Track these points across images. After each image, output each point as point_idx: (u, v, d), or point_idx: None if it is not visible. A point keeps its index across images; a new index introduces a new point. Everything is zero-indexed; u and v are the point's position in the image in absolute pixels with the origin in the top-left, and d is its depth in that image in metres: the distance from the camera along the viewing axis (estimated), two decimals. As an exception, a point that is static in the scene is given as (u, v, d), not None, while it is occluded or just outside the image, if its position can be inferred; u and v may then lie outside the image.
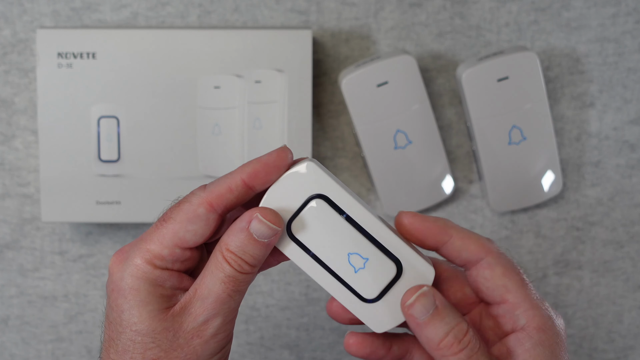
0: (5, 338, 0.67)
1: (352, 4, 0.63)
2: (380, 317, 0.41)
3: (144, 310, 0.39)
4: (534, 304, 0.42)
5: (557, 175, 0.63)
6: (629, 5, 0.63)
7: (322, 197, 0.40)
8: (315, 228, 0.40)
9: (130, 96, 0.60)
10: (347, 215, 0.40)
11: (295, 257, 0.41)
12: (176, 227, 0.39)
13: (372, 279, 0.41)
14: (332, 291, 0.41)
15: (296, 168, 0.40)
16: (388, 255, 0.41)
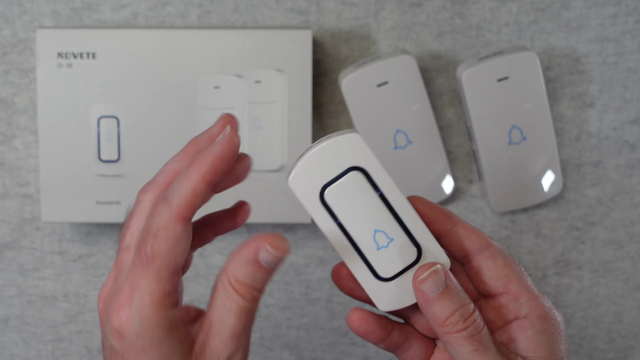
0: (5, 338, 0.67)
1: (352, 4, 0.63)
2: (388, 297, 0.42)
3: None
4: (535, 295, 0.42)
5: (557, 175, 0.63)
6: (629, 5, 0.63)
7: (361, 171, 0.40)
8: (348, 199, 0.41)
9: (130, 96, 0.60)
10: (382, 193, 0.41)
11: (321, 221, 0.41)
12: (166, 259, 0.37)
13: (392, 260, 0.41)
14: (348, 261, 0.42)
15: (343, 137, 0.40)
16: (411, 240, 0.41)
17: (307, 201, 0.41)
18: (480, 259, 0.43)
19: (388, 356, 0.67)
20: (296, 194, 0.41)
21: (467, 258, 0.43)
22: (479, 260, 0.43)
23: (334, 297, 0.66)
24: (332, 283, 0.66)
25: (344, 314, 0.67)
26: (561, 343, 0.42)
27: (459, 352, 0.40)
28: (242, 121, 0.61)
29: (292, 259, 0.66)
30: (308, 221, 0.62)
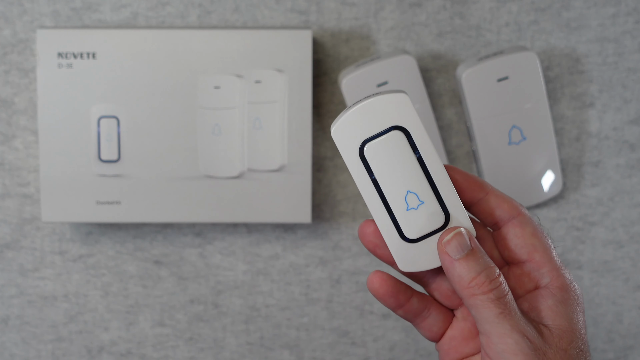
0: (6, 338, 0.67)
1: (352, 4, 0.63)
2: (411, 258, 0.43)
3: None
4: (558, 266, 0.43)
5: (557, 175, 0.63)
6: (629, 5, 0.63)
7: (404, 131, 0.41)
8: (387, 156, 0.41)
9: (130, 96, 0.60)
10: (420, 155, 0.41)
11: (356, 174, 0.42)
12: None
13: (420, 222, 0.42)
14: (376, 217, 0.42)
15: (390, 95, 0.40)
16: (441, 206, 0.42)
17: (346, 153, 0.41)
18: (509, 226, 0.43)
19: (388, 356, 0.67)
20: (337, 144, 0.42)
21: (497, 225, 0.44)
22: (507, 228, 0.43)
23: (334, 297, 0.66)
24: (333, 283, 0.66)
25: (344, 314, 0.67)
26: (580, 314, 0.42)
27: (484, 315, 0.40)
28: (242, 121, 0.61)
29: (292, 259, 0.66)
30: (308, 221, 0.62)
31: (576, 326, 0.41)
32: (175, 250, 0.66)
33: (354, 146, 0.41)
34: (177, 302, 0.66)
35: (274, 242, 0.66)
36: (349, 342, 0.67)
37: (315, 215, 0.64)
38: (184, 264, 0.66)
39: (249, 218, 0.61)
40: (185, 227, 0.65)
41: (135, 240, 0.65)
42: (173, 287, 0.66)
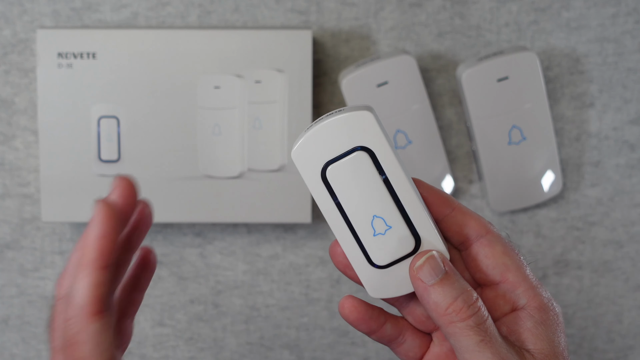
0: (6, 338, 0.67)
1: (352, 4, 0.63)
2: (380, 284, 0.41)
3: None
4: (534, 285, 0.41)
5: (557, 175, 0.63)
6: (629, 5, 0.63)
7: (368, 151, 0.39)
8: (351, 179, 0.39)
9: (130, 96, 0.60)
10: (386, 177, 0.39)
11: (319, 198, 0.40)
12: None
13: (388, 248, 0.40)
14: (343, 243, 0.40)
15: (354, 114, 0.38)
16: (411, 230, 0.40)
17: (308, 176, 0.39)
18: (478, 246, 0.41)
19: (388, 356, 0.67)
20: (298, 167, 0.39)
21: (465, 244, 0.42)
22: (476, 247, 0.41)
23: (334, 297, 0.66)
24: (333, 283, 0.66)
25: (344, 314, 0.67)
26: (560, 334, 0.40)
27: (464, 343, 0.38)
28: (242, 121, 0.61)
29: (292, 259, 0.66)
30: (308, 221, 0.62)
31: (558, 349, 0.40)
32: (175, 250, 0.66)
33: (316, 169, 0.39)
34: (177, 302, 0.66)
35: (274, 242, 0.66)
36: (349, 342, 0.67)
37: (315, 215, 0.64)
38: (184, 264, 0.66)
39: (249, 218, 0.61)
40: (185, 227, 0.65)
41: (135, 240, 0.65)
42: (173, 287, 0.66)
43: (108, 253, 0.37)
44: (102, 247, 0.36)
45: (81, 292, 0.36)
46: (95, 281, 0.36)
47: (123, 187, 0.39)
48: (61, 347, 0.36)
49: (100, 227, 0.37)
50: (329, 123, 0.38)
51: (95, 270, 0.36)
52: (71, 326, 0.36)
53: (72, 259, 0.38)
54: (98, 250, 0.36)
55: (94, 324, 0.36)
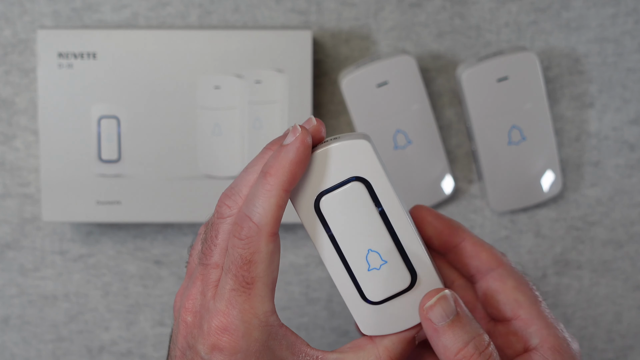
0: (6, 338, 0.67)
1: (352, 4, 0.63)
2: (374, 321, 0.39)
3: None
4: (548, 323, 0.39)
5: (556, 175, 0.63)
6: (629, 5, 0.63)
7: (365, 182, 0.37)
8: (345, 211, 0.37)
9: (130, 96, 0.60)
10: (383, 209, 0.38)
11: (312, 230, 0.38)
12: (265, 280, 0.37)
13: (382, 284, 0.38)
14: (335, 278, 0.39)
15: (350, 142, 0.37)
16: (407, 265, 0.38)
17: (300, 206, 0.38)
18: (488, 280, 0.40)
19: (388, 356, 0.67)
20: (290, 197, 0.38)
21: (476, 277, 0.41)
22: (487, 281, 0.40)
23: (334, 297, 0.66)
24: (332, 283, 0.66)
25: (344, 314, 0.67)
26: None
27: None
28: (242, 121, 0.61)
29: (292, 259, 0.66)
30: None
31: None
32: (176, 250, 0.66)
33: (309, 199, 0.38)
34: (177, 301, 0.66)
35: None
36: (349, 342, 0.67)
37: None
38: (184, 264, 0.66)
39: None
40: (185, 227, 0.65)
41: (135, 240, 0.66)
42: (173, 286, 0.66)
43: (296, 179, 0.36)
44: (293, 172, 0.36)
45: (263, 211, 0.36)
46: (279, 202, 0.36)
47: (317, 123, 0.38)
48: (232, 266, 0.37)
49: (297, 153, 0.36)
50: (325, 151, 0.37)
51: (282, 191, 0.36)
52: (247, 245, 0.36)
53: (244, 179, 0.38)
54: (290, 174, 0.36)
55: (270, 245, 0.36)
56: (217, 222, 0.38)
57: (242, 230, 0.36)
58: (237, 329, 0.37)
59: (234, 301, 0.37)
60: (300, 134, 0.36)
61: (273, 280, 0.37)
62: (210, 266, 0.38)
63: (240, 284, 0.37)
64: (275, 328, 0.38)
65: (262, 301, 0.37)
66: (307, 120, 0.38)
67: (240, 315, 0.37)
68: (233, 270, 0.37)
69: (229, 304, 0.37)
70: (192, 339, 0.38)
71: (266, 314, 0.37)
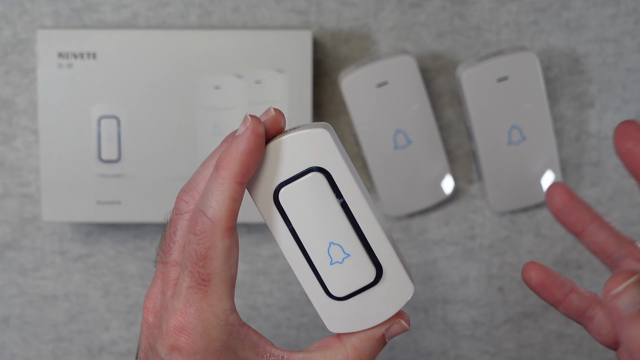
0: (6, 338, 0.67)
1: (352, 4, 0.63)
2: (340, 318, 0.38)
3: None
4: None
5: (556, 175, 0.63)
6: (629, 5, 0.63)
7: (324, 172, 0.36)
8: (305, 203, 0.36)
9: (130, 96, 0.60)
10: (344, 201, 0.36)
11: (271, 223, 0.37)
12: (222, 276, 0.36)
13: (346, 278, 0.37)
14: (297, 273, 0.38)
15: (308, 132, 0.36)
16: (372, 259, 0.37)
17: (259, 199, 0.37)
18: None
19: (388, 356, 0.67)
20: (247, 188, 0.37)
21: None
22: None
23: (334, 297, 0.66)
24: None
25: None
26: None
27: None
28: (242, 121, 0.61)
29: (292, 259, 0.66)
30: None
31: None
32: (176, 250, 0.66)
33: (267, 191, 0.36)
34: (177, 301, 0.66)
35: (274, 242, 0.66)
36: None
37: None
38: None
39: (249, 218, 0.61)
40: (185, 227, 0.65)
41: (135, 240, 0.66)
42: (173, 286, 0.66)
43: (249, 171, 0.36)
44: (246, 163, 0.35)
45: (217, 205, 0.35)
46: (233, 195, 0.35)
47: (276, 113, 0.37)
48: (188, 262, 0.36)
49: (247, 144, 0.35)
50: (282, 141, 0.36)
51: (235, 184, 0.35)
52: (202, 241, 0.36)
53: (201, 174, 0.37)
54: (242, 165, 0.35)
55: (225, 240, 0.36)
56: (175, 218, 0.38)
57: (196, 226, 0.36)
58: (195, 329, 0.36)
59: (191, 299, 0.36)
60: (250, 123, 0.35)
61: (232, 277, 0.37)
62: (169, 264, 0.38)
63: (197, 281, 0.36)
64: (236, 327, 0.37)
65: (220, 299, 0.36)
66: (265, 111, 0.37)
67: (198, 313, 0.36)
68: (189, 267, 0.36)
69: (186, 302, 0.36)
70: (153, 340, 0.38)
71: (225, 312, 0.36)
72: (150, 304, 0.39)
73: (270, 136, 0.37)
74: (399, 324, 0.38)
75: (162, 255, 0.38)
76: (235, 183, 0.35)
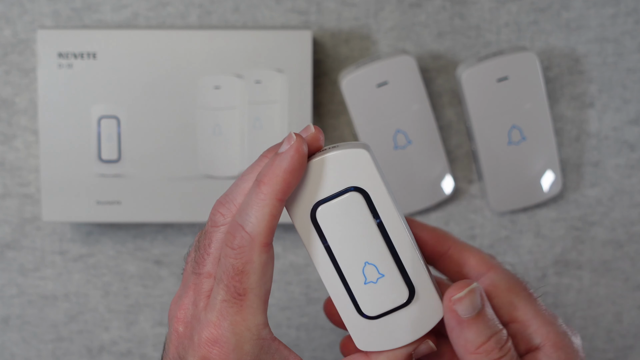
0: (6, 338, 0.67)
1: (352, 4, 0.63)
2: (370, 336, 0.38)
3: None
4: (546, 320, 0.39)
5: (556, 175, 0.63)
6: (629, 5, 0.63)
7: (363, 193, 0.36)
8: (342, 222, 0.37)
9: (130, 96, 0.60)
10: (381, 222, 0.37)
11: (307, 240, 0.37)
12: (257, 292, 0.36)
13: (379, 298, 0.37)
14: (331, 291, 0.38)
15: (349, 151, 0.36)
16: (405, 280, 0.37)
17: (296, 215, 0.37)
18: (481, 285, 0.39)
19: (388, 356, 0.67)
20: (286, 205, 0.37)
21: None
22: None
23: (334, 297, 0.66)
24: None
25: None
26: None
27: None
28: (242, 121, 0.61)
29: (292, 259, 0.66)
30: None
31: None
32: (176, 250, 0.66)
33: (305, 208, 0.37)
34: (177, 301, 0.66)
35: (274, 242, 0.66)
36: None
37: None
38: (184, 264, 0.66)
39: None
40: (185, 227, 0.65)
41: (135, 240, 0.66)
42: (173, 286, 0.66)
43: (290, 188, 0.36)
44: (287, 181, 0.35)
45: (256, 221, 0.35)
46: (273, 212, 0.35)
47: (316, 131, 0.37)
48: (224, 276, 0.36)
49: (291, 162, 0.35)
50: (321, 160, 0.36)
51: (275, 201, 0.35)
52: (240, 255, 0.36)
53: (239, 187, 0.37)
54: (284, 182, 0.35)
55: (262, 255, 0.36)
56: (211, 230, 0.38)
57: (234, 240, 0.36)
58: (228, 342, 0.36)
59: (225, 312, 0.36)
60: (295, 142, 0.36)
61: (266, 292, 0.37)
62: (202, 275, 0.38)
63: (232, 295, 0.36)
64: (268, 341, 0.37)
65: (255, 313, 0.36)
66: (305, 128, 0.37)
67: (232, 327, 0.36)
68: (225, 281, 0.36)
69: (220, 315, 0.36)
70: (183, 350, 0.38)
71: (258, 327, 0.37)
72: (182, 314, 0.39)
73: (309, 153, 0.37)
74: (427, 344, 0.39)
75: (196, 267, 0.38)
76: (276, 200, 0.35)
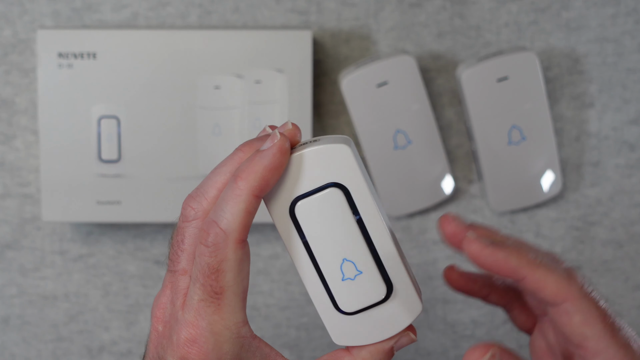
0: (6, 338, 0.67)
1: (352, 4, 0.63)
2: (346, 331, 0.38)
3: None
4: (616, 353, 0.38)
5: (556, 175, 0.63)
6: (629, 5, 0.63)
7: (343, 189, 0.36)
8: (321, 218, 0.36)
9: (130, 96, 0.60)
10: (360, 218, 0.36)
11: (286, 236, 0.37)
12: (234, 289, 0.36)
13: (356, 295, 0.37)
14: (308, 286, 0.38)
15: (329, 147, 0.35)
16: (383, 277, 0.37)
17: (274, 210, 0.37)
18: (554, 314, 0.39)
19: (388, 356, 0.67)
20: (264, 200, 0.36)
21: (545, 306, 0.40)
22: (554, 315, 0.40)
23: (334, 297, 0.66)
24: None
25: (344, 314, 0.67)
26: None
27: None
28: (242, 121, 0.61)
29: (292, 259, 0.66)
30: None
31: None
32: (176, 250, 0.66)
33: (284, 203, 0.36)
34: (177, 301, 0.66)
35: (274, 242, 0.66)
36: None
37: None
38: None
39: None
40: (185, 227, 0.65)
41: (135, 240, 0.66)
42: (173, 286, 0.66)
43: (269, 186, 0.35)
44: (267, 178, 0.35)
45: (231, 217, 0.35)
46: (248, 208, 0.35)
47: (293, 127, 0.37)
48: (200, 275, 0.36)
49: (272, 160, 0.35)
50: (301, 155, 0.36)
51: (252, 197, 0.35)
52: (214, 253, 0.35)
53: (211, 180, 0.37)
54: (262, 180, 0.35)
55: (238, 252, 0.35)
56: (183, 225, 0.37)
57: (208, 237, 0.35)
58: (207, 341, 0.36)
59: (202, 312, 0.36)
60: (279, 140, 0.35)
61: (244, 290, 0.36)
62: (178, 273, 0.38)
63: (209, 294, 0.36)
64: (248, 340, 0.37)
65: (233, 312, 0.36)
66: (283, 125, 0.37)
67: (210, 326, 0.36)
68: (201, 280, 0.36)
69: (197, 315, 0.36)
70: (162, 350, 0.37)
71: (237, 325, 0.36)
72: (160, 313, 0.38)
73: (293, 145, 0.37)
74: (408, 336, 0.39)
75: (170, 264, 0.38)
76: (252, 196, 0.35)
